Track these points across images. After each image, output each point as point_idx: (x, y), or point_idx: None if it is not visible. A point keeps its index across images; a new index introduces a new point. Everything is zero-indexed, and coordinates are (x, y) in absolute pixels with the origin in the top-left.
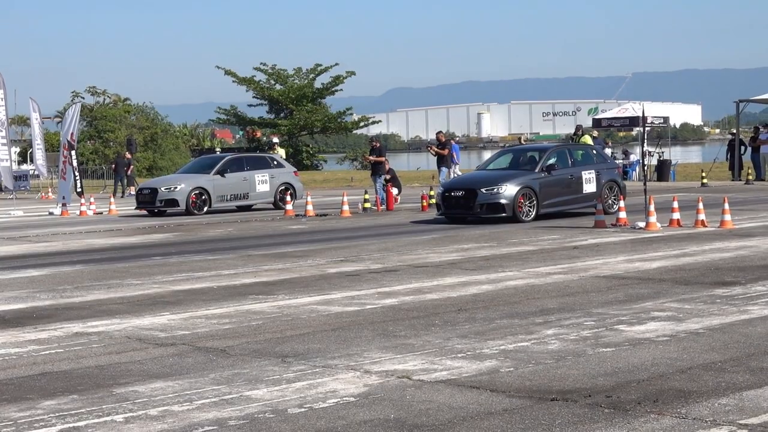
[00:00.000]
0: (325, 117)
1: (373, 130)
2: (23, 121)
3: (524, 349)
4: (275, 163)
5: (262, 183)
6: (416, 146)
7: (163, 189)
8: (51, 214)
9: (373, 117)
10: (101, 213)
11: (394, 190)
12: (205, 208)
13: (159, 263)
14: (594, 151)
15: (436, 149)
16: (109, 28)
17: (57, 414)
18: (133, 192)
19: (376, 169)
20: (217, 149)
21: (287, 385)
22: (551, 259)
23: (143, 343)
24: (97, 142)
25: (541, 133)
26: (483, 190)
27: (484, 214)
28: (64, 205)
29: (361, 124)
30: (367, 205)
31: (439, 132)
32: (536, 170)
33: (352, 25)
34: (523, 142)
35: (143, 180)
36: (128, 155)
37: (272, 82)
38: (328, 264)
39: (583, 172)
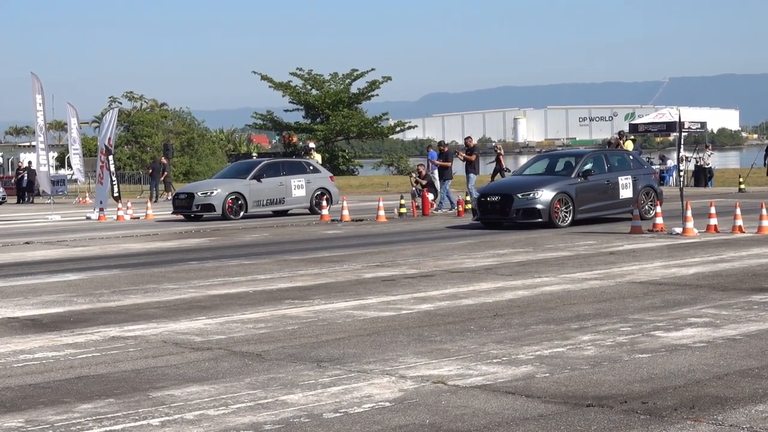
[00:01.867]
0: (361, 122)
1: (409, 135)
2: (61, 126)
3: (560, 355)
4: (311, 168)
5: (298, 188)
6: (452, 151)
7: (199, 194)
8: (88, 218)
9: (409, 122)
10: (138, 218)
11: (430, 196)
12: (242, 213)
13: (195, 268)
14: (630, 157)
15: (464, 155)
16: (146, 34)
17: (94, 417)
18: (169, 197)
19: (443, 174)
20: (254, 154)
21: (323, 390)
22: (587, 265)
23: (179, 348)
24: (135, 147)
25: (577, 138)
26: (519, 195)
27: (520, 220)
28: (101, 209)
29: (397, 129)
30: (403, 210)
31: (468, 137)
32: (572, 176)
33: (388, 31)
34: (499, 150)
35: (180, 185)
36: (164, 160)
37: (308, 87)
38: (364, 269)
39: (619, 178)
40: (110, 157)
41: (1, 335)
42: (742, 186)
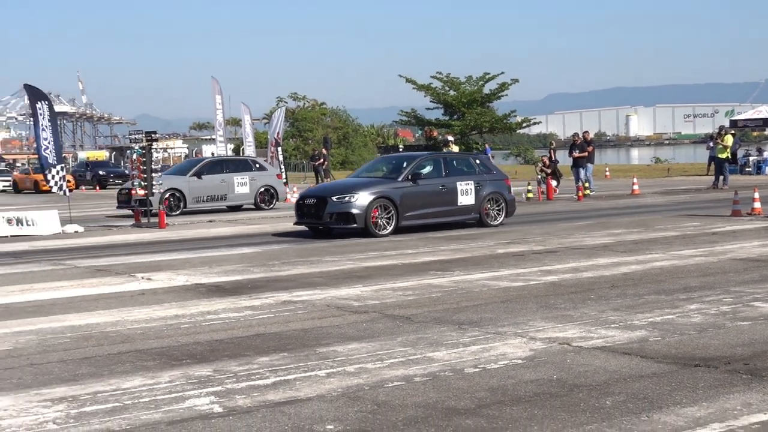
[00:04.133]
0: (493, 119)
1: (534, 130)
2: (236, 122)
3: (670, 322)
4: (258, 166)
5: (241, 185)
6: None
7: None
8: None
9: (534, 118)
10: None
11: (554, 182)
12: (180, 209)
13: (352, 243)
14: (477, 161)
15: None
16: (307, 41)
17: (270, 368)
18: (328, 182)
19: (577, 162)
20: (400, 146)
21: (464, 349)
22: (692, 244)
23: (341, 311)
24: (298, 140)
25: (682, 132)
26: (333, 198)
27: (334, 225)
28: None
29: (524, 125)
30: (530, 195)
31: (585, 132)
32: (400, 179)
33: (516, 39)
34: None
35: (338, 173)
36: (324, 151)
37: (447, 88)
38: (497, 245)
39: (458, 183)
40: (279, 149)
41: (192, 298)
42: None
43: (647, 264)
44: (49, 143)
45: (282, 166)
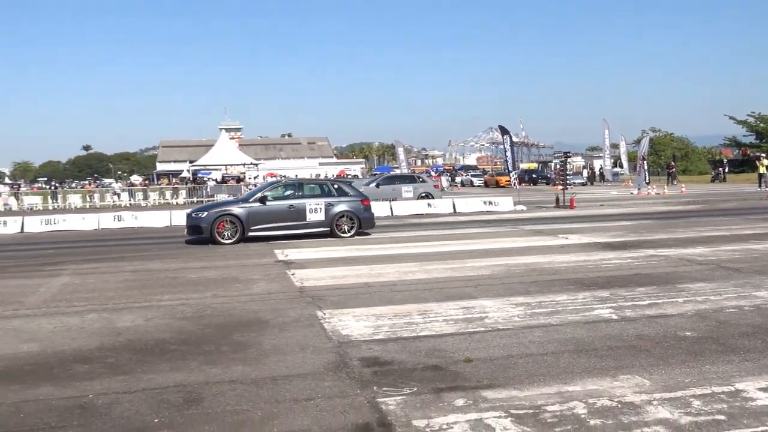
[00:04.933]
0: None
1: None
2: (615, 146)
3: None
4: (420, 180)
5: (407, 192)
6: None
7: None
8: (631, 193)
9: None
10: (658, 193)
11: None
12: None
13: (694, 221)
14: (335, 186)
15: None
16: (666, 95)
17: (645, 295)
18: (675, 183)
19: None
20: (724, 159)
21: None
22: None
23: (689, 262)
24: (655, 157)
25: None
26: (193, 215)
27: (191, 235)
28: (638, 189)
29: None
30: None
31: None
32: (250, 201)
33: None
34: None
35: (681, 176)
36: (672, 163)
37: (758, 122)
38: None
39: (307, 204)
40: (645, 162)
41: (593, 250)
42: None
43: None
44: (508, 159)
45: (646, 173)
